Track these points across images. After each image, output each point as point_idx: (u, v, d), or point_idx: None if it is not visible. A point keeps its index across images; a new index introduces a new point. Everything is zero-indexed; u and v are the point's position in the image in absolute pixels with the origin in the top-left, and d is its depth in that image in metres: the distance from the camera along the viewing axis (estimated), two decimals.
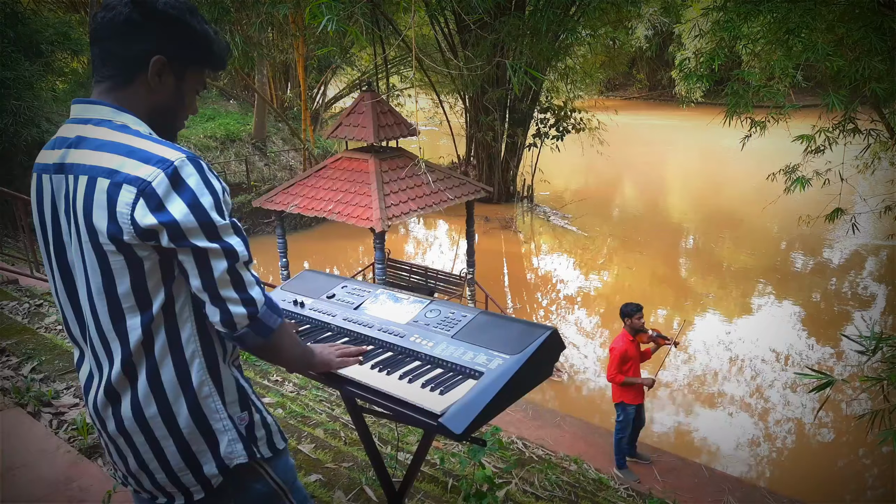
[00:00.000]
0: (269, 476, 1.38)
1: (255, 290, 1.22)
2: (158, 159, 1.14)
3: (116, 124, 1.21)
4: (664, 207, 18.34)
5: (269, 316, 1.25)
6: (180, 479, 1.28)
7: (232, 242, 1.18)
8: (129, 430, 1.25)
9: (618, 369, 5.34)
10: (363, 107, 8.46)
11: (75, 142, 1.21)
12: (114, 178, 1.13)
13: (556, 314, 11.25)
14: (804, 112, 7.37)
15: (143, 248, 1.15)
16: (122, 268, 1.17)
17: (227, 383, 1.30)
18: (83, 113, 1.24)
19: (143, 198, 1.11)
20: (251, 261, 1.23)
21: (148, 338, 1.21)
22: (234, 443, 1.29)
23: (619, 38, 21.14)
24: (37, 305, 5.22)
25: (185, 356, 1.24)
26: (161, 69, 1.25)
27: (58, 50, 12.04)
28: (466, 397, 1.47)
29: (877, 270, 12.80)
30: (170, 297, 1.21)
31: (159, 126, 1.30)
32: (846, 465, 6.97)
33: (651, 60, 34.68)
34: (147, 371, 1.22)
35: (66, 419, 3.15)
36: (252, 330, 1.23)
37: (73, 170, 1.19)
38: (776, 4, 6.40)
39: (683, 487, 5.54)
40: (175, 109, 1.32)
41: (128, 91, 1.25)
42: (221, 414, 1.28)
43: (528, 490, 3.70)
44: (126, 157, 1.15)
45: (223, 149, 16.67)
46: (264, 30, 13.92)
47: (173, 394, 1.24)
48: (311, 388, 5.05)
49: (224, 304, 1.19)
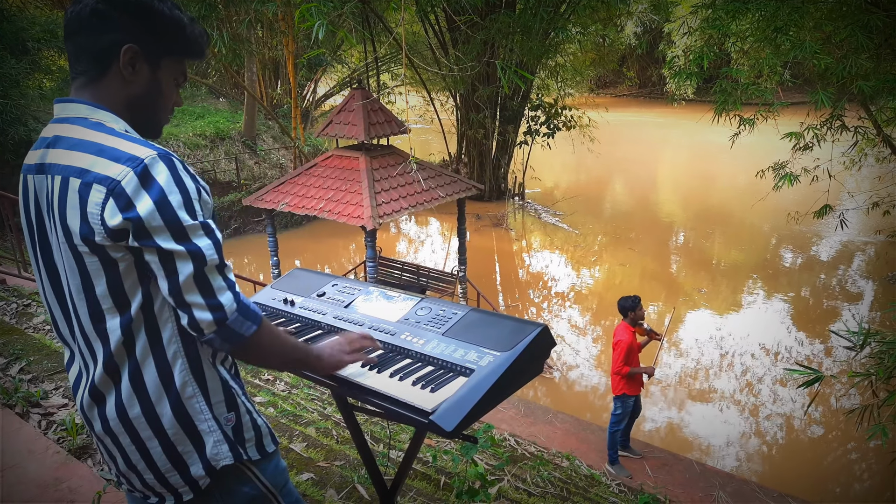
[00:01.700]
0: (257, 479, 1.36)
1: (224, 296, 1.17)
2: (128, 157, 1.11)
3: (91, 122, 1.19)
4: (655, 204, 18.41)
5: (241, 323, 1.20)
6: (168, 479, 1.27)
7: (200, 245, 1.14)
8: (115, 430, 1.24)
9: (624, 361, 5.39)
10: (354, 104, 8.43)
11: (53, 141, 1.20)
12: (84, 178, 1.12)
13: (547, 311, 11.28)
14: (792, 109, 7.42)
15: (115, 249, 1.13)
16: (98, 269, 1.15)
17: (212, 384, 1.28)
18: (62, 112, 1.23)
19: (112, 197, 1.09)
20: (224, 264, 1.18)
21: (128, 338, 1.19)
22: (219, 444, 1.28)
23: (609, 35, 21.19)
24: (24, 305, 5.18)
25: (167, 356, 1.22)
26: (133, 58, 1.22)
27: (45, 48, 11.92)
28: (457, 395, 1.47)
29: (864, 266, 12.92)
30: (147, 297, 1.19)
31: (141, 120, 1.28)
32: (835, 459, 7.04)
33: (641, 58, 34.82)
34: (129, 372, 1.21)
35: (55, 420, 3.13)
36: (219, 336, 1.18)
37: (51, 170, 1.18)
38: (764, 2, 6.44)
39: (675, 483, 5.57)
40: (154, 101, 1.29)
41: (102, 85, 1.23)
42: (206, 415, 1.27)
43: (521, 487, 3.70)
44: (97, 156, 1.13)
45: (213, 147, 16.57)
46: (253, 27, 13.84)
47: (156, 394, 1.22)
48: (303, 386, 5.04)
49: (189, 309, 1.15)
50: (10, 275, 6.43)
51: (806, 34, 7.05)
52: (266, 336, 1.27)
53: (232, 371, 1.36)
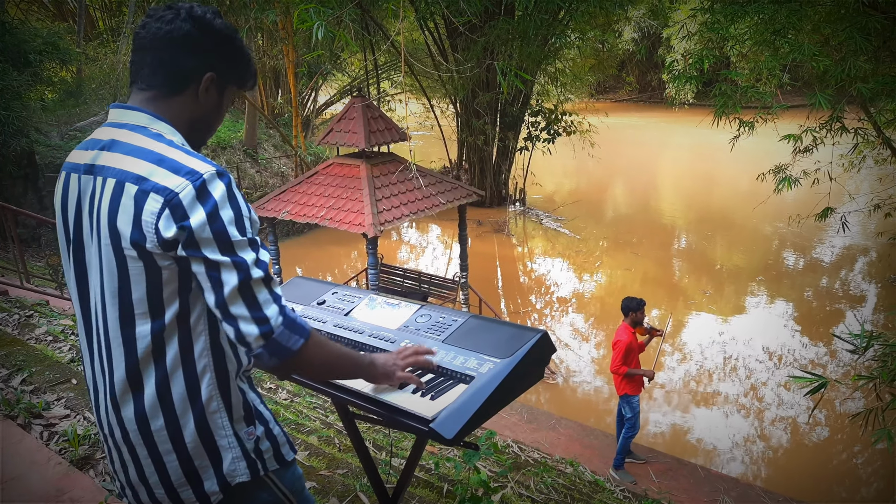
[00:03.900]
0: (275, 486, 1.36)
1: (270, 309, 1.18)
2: (188, 171, 1.14)
3: (151, 132, 1.22)
4: (656, 208, 18.40)
5: (288, 337, 1.20)
6: (179, 494, 1.26)
7: (246, 258, 1.16)
8: (134, 441, 1.24)
9: (623, 361, 5.42)
10: (354, 112, 8.45)
11: (108, 144, 1.22)
12: (142, 185, 1.14)
13: (549, 316, 11.26)
14: (792, 112, 7.42)
15: (164, 258, 1.15)
16: (140, 274, 1.16)
17: (235, 399, 1.28)
18: (120, 117, 1.26)
19: (168, 208, 1.11)
20: (270, 278, 1.19)
21: (158, 347, 1.19)
22: (237, 461, 1.27)
23: (608, 40, 21.25)
24: (27, 316, 5.18)
25: (197, 370, 1.22)
26: (210, 85, 1.30)
27: (46, 60, 11.97)
28: (457, 402, 1.47)
29: (866, 268, 12.89)
30: (185, 307, 1.19)
31: (196, 138, 1.34)
32: (840, 463, 7.00)
33: (640, 63, 34.89)
34: (157, 381, 1.21)
35: (57, 431, 3.12)
36: (267, 351, 1.18)
37: (103, 172, 1.20)
38: (762, 6, 6.46)
39: (679, 488, 5.55)
40: (212, 123, 1.37)
41: (173, 101, 1.28)
42: (227, 430, 1.26)
43: (524, 493, 3.69)
44: (156, 165, 1.15)
45: (214, 156, 16.61)
46: (253, 36, 13.90)
47: (181, 407, 1.22)
48: (305, 395, 5.03)
49: (235, 321, 1.16)
50: (12, 286, 6.44)
51: (804, 37, 7.07)
52: (315, 349, 1.26)
53: (249, 381, 1.36)
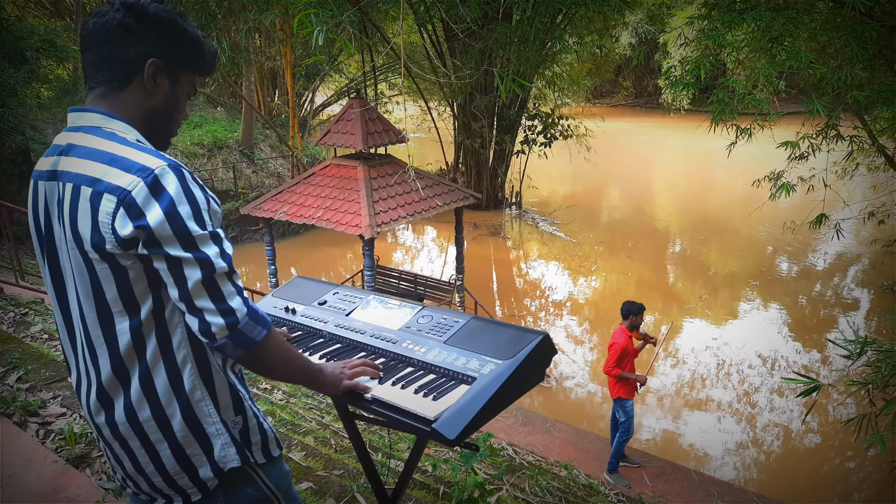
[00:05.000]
0: (261, 481, 1.38)
1: (234, 301, 1.19)
2: (139, 167, 1.14)
3: (105, 131, 1.22)
4: (652, 213, 18.46)
5: (252, 327, 1.21)
6: (177, 481, 1.29)
7: (209, 253, 1.16)
8: (125, 434, 1.26)
9: (616, 363, 5.43)
10: (352, 114, 8.46)
11: (66, 149, 1.23)
12: (96, 187, 1.14)
13: (544, 320, 11.27)
14: (788, 119, 7.48)
15: (125, 257, 1.15)
16: (108, 275, 1.17)
17: (220, 388, 1.30)
18: (77, 121, 1.26)
19: (123, 207, 1.11)
20: (233, 271, 1.20)
21: (138, 342, 1.21)
22: (227, 447, 1.30)
23: (606, 45, 21.32)
24: (22, 314, 5.16)
25: (177, 360, 1.24)
26: (156, 72, 1.27)
27: (43, 57, 11.92)
28: (459, 403, 1.48)
29: (860, 275, 12.96)
30: (158, 302, 1.21)
31: (155, 131, 1.31)
32: (833, 468, 7.03)
33: (637, 68, 35.00)
34: (140, 375, 1.23)
35: (53, 429, 3.11)
36: (231, 341, 1.20)
37: (63, 177, 1.20)
38: (760, 13, 6.49)
39: (673, 492, 5.56)
40: (170, 114, 1.34)
41: (122, 96, 1.26)
42: (214, 418, 1.29)
43: (519, 496, 3.69)
44: (109, 165, 1.15)
45: (210, 156, 16.59)
46: (252, 36, 13.89)
47: (166, 398, 1.24)
48: (301, 395, 5.03)
49: (201, 314, 1.17)
50: (7, 283, 6.41)
51: (801, 44, 7.11)
52: (275, 342, 1.29)
53: (239, 376, 1.38)
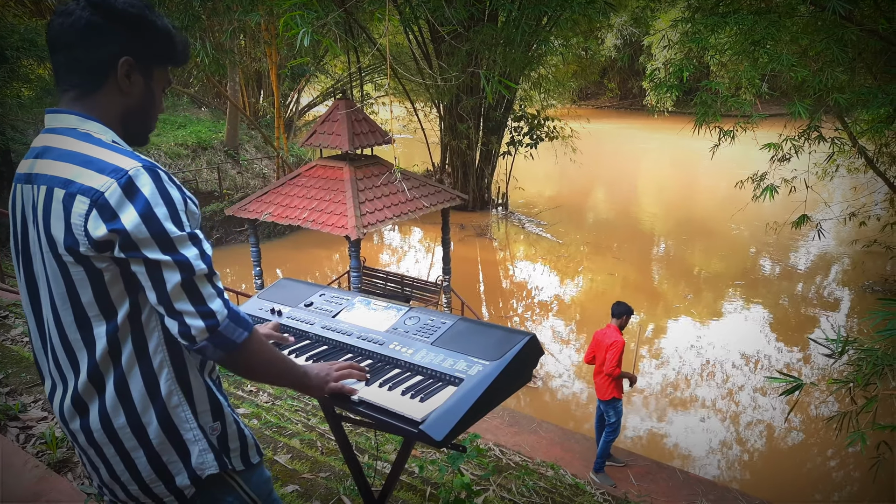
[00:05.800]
0: (240, 488, 1.35)
1: (215, 303, 1.17)
2: (113, 169, 1.11)
3: (80, 133, 1.19)
4: (637, 214, 18.59)
5: (233, 329, 1.19)
6: (153, 490, 1.27)
7: (188, 255, 1.14)
8: (99, 441, 1.23)
9: (619, 363, 5.43)
10: (338, 115, 8.43)
11: (42, 151, 1.20)
12: (69, 189, 1.12)
13: (530, 321, 11.31)
14: (770, 121, 7.56)
15: (100, 260, 1.13)
16: (83, 279, 1.15)
17: (197, 393, 1.28)
18: (52, 122, 1.23)
19: (96, 208, 1.09)
20: (213, 273, 1.18)
21: (114, 347, 1.19)
22: (205, 453, 1.28)
23: (591, 47, 21.44)
24: (2, 317, 5.08)
25: (154, 365, 1.22)
26: (130, 70, 1.23)
27: (23, 56, 11.77)
28: (447, 404, 1.48)
29: (841, 275, 13.14)
30: (135, 306, 1.19)
31: (134, 130, 1.29)
32: (815, 466, 7.12)
33: (622, 70, 35.24)
34: (115, 381, 1.20)
35: (34, 433, 3.07)
36: (212, 343, 1.17)
37: (37, 180, 1.18)
38: (742, 17, 6.57)
39: (658, 491, 5.60)
40: (147, 110, 1.30)
41: (97, 97, 1.23)
42: (191, 423, 1.26)
43: (506, 496, 3.70)
44: (82, 167, 1.13)
45: (194, 156, 16.45)
46: (236, 37, 13.80)
47: (142, 404, 1.22)
48: (287, 398, 5.00)
49: (181, 316, 1.15)
50: None
51: (783, 47, 7.20)
52: (257, 344, 1.27)
53: (216, 381, 1.35)
